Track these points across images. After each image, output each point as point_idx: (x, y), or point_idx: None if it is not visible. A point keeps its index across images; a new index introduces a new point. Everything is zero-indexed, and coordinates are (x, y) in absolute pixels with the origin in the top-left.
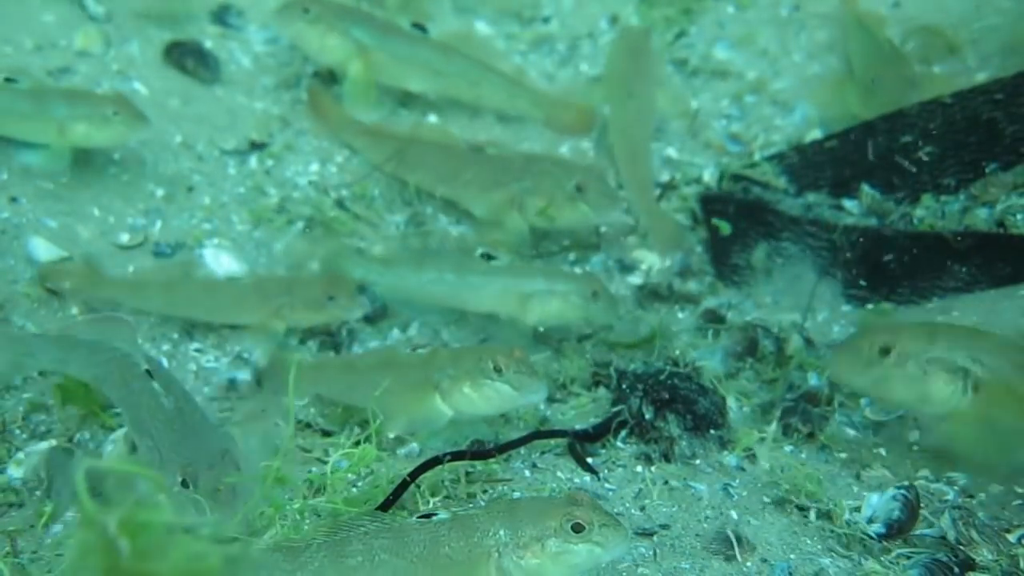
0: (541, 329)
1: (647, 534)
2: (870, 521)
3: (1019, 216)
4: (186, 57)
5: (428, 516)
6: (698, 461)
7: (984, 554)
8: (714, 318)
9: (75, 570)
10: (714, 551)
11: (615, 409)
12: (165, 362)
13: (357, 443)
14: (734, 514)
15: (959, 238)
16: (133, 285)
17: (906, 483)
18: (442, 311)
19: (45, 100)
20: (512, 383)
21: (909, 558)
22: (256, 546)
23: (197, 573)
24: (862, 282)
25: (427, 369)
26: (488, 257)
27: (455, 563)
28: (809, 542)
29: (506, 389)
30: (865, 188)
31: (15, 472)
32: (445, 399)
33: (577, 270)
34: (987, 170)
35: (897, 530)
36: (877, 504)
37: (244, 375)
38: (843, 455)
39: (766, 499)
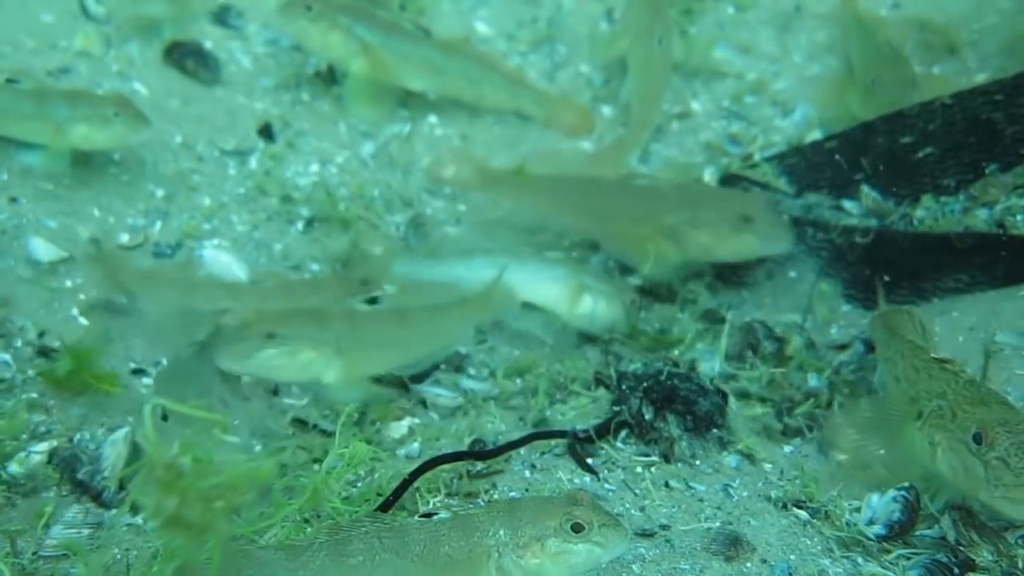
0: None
1: (647, 535)
2: (870, 523)
3: (1019, 217)
4: (186, 58)
5: (429, 516)
6: (698, 462)
7: (984, 555)
8: (714, 318)
9: (140, 488)
10: (714, 552)
11: (615, 410)
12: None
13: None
14: (734, 514)
15: (959, 239)
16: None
17: (906, 484)
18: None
19: (46, 101)
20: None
21: (909, 559)
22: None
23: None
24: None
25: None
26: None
27: (455, 563)
28: (809, 543)
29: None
30: (865, 189)
31: (17, 469)
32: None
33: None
34: (987, 171)
35: (898, 531)
36: (877, 505)
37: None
38: (843, 456)
39: (766, 500)
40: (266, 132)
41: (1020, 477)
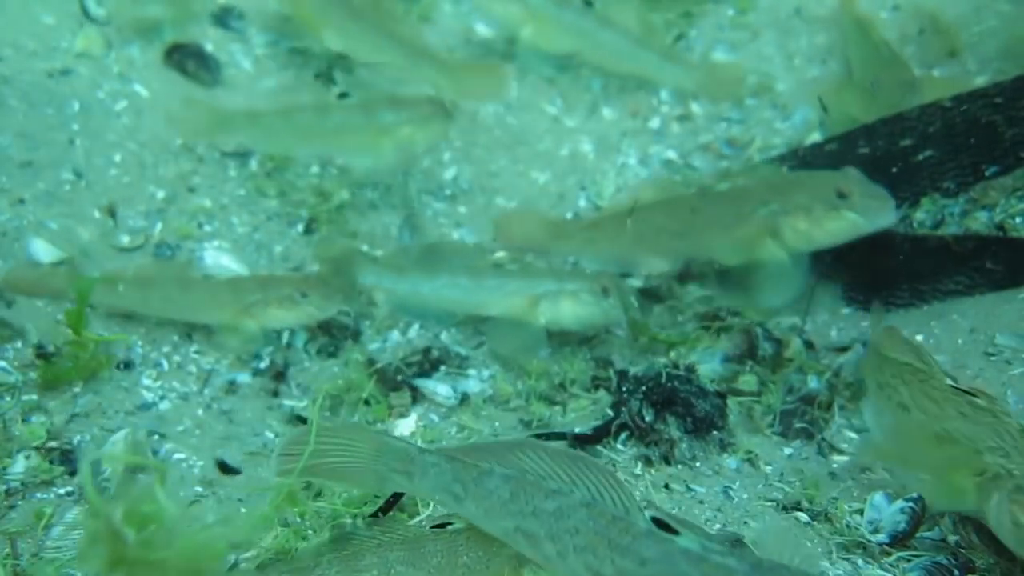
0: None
1: None
2: (875, 531)
3: (1019, 219)
4: (187, 59)
5: (442, 526)
6: (698, 463)
7: (984, 557)
8: (714, 320)
9: (83, 558)
10: None
11: (612, 414)
12: (165, 364)
13: None
14: (734, 516)
15: (959, 241)
16: (106, 283)
17: (915, 495)
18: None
19: (373, 111)
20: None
21: (909, 561)
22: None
23: (202, 559)
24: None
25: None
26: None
27: (473, 572)
28: (809, 544)
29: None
30: None
31: (17, 470)
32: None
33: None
34: (987, 173)
35: (899, 540)
36: (885, 514)
37: (244, 376)
38: (843, 458)
39: (766, 502)
40: None
41: None
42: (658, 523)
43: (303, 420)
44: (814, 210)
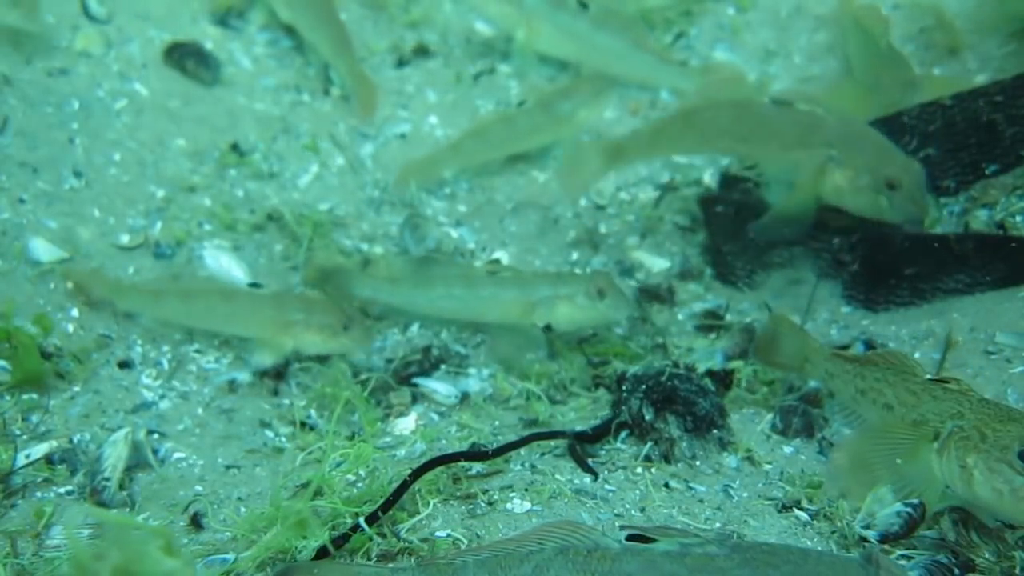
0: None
1: None
2: (867, 527)
3: (1019, 218)
4: (186, 58)
5: (642, 539)
6: (698, 462)
7: (984, 556)
8: (714, 319)
9: None
10: None
11: (609, 414)
12: (165, 364)
13: (351, 436)
14: (734, 515)
15: (959, 240)
16: (146, 292)
17: (916, 500)
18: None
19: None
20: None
21: (909, 560)
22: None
23: None
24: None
25: None
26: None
27: None
28: (809, 543)
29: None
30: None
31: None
32: None
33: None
34: (987, 172)
35: (891, 540)
36: (881, 514)
37: (243, 376)
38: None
39: (766, 500)
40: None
41: None
42: (635, 538)
43: (303, 423)
44: (859, 179)
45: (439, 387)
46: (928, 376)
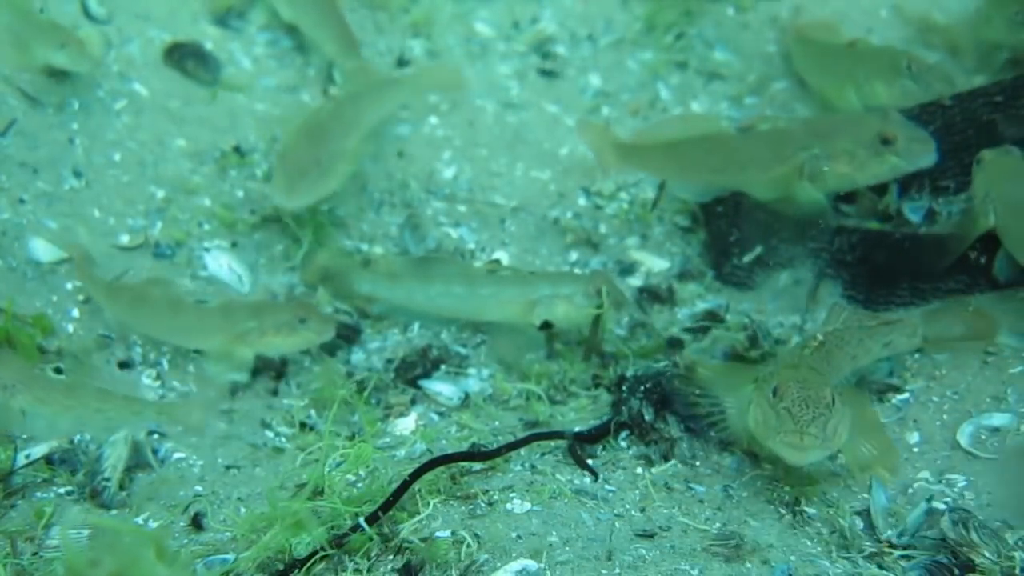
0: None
1: (647, 536)
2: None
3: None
4: (186, 58)
5: None
6: (698, 463)
7: (984, 556)
8: (714, 319)
9: None
10: (714, 552)
11: (612, 413)
12: (165, 364)
13: (351, 436)
14: (734, 515)
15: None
16: (110, 292)
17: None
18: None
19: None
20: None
21: (909, 559)
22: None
23: None
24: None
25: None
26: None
27: None
28: (809, 543)
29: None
30: (862, 189)
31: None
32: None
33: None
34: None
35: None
36: (911, 516)
37: (243, 377)
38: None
39: (766, 500)
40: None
41: (799, 424)
42: None
43: (302, 423)
44: (856, 154)
45: (443, 388)
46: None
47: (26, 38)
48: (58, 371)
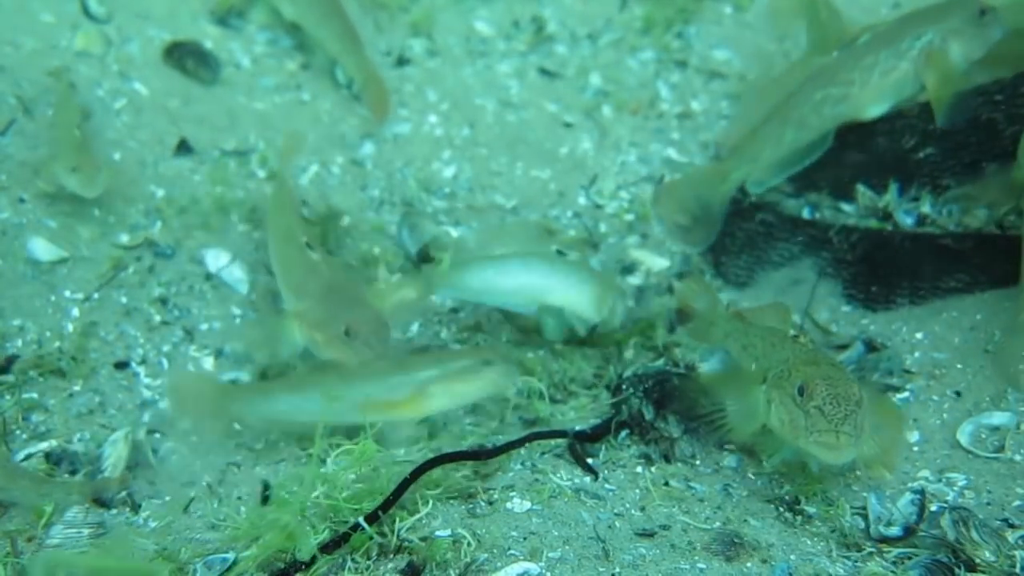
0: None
1: (647, 535)
2: (888, 524)
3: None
4: (186, 58)
5: None
6: (698, 461)
7: (984, 555)
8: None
9: None
10: (714, 552)
11: (612, 412)
12: (165, 364)
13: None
14: (734, 515)
15: (958, 240)
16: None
17: (918, 486)
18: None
19: None
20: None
21: (909, 558)
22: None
23: None
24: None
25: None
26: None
27: None
28: (809, 543)
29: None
30: (861, 188)
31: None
32: None
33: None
34: (987, 171)
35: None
36: (897, 509)
37: (244, 376)
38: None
39: (766, 500)
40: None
41: (832, 423)
42: None
43: None
44: (965, 31)
45: None
46: (792, 332)
47: (53, 153)
48: None
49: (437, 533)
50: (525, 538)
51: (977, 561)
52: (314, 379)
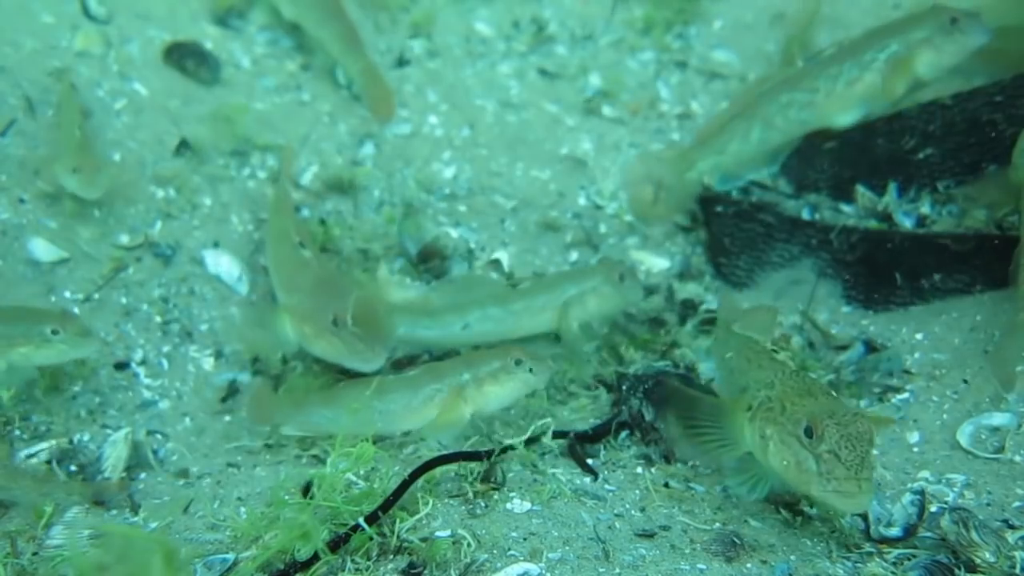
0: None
1: (647, 535)
2: (888, 525)
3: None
4: (186, 58)
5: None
6: (698, 462)
7: (984, 555)
8: (713, 319)
9: None
10: (714, 552)
11: (613, 412)
12: (165, 364)
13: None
14: (734, 515)
15: (958, 240)
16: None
17: (918, 487)
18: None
19: None
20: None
21: (909, 559)
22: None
23: None
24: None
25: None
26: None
27: None
28: (809, 543)
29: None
30: (860, 189)
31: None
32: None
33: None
34: (986, 172)
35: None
36: (897, 509)
37: (244, 376)
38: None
39: (766, 500)
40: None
41: (851, 470)
42: None
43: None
44: (934, 40)
45: None
46: (769, 346)
47: (54, 153)
48: None
49: (437, 533)
50: (525, 539)
51: (977, 562)
52: (352, 392)
